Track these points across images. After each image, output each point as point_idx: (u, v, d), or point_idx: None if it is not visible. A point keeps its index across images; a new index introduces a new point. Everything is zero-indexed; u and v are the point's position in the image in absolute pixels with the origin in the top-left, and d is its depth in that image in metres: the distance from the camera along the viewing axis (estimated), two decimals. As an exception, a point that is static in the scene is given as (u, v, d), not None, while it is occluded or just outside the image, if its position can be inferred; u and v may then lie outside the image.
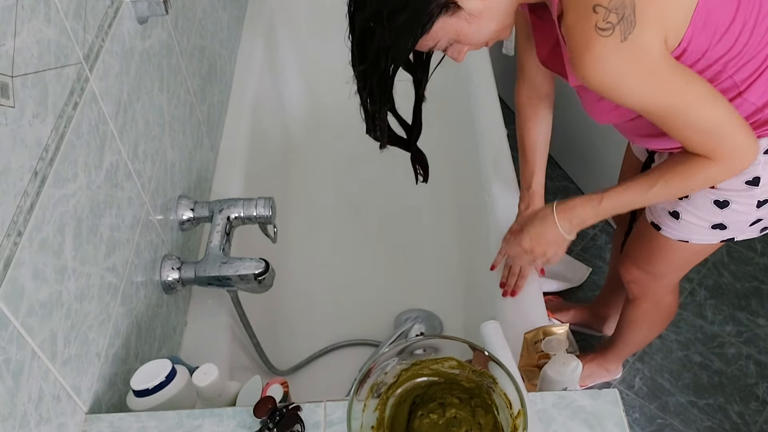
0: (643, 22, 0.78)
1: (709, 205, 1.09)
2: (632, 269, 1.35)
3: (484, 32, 0.90)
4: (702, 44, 0.86)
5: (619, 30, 0.78)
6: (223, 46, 1.67)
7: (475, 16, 0.87)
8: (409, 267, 1.82)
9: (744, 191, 1.04)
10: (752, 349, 1.77)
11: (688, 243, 1.18)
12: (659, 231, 1.19)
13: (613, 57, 0.80)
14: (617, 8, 0.78)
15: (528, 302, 1.23)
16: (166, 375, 0.87)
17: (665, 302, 1.42)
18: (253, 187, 1.56)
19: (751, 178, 1.03)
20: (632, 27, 0.78)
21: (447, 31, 0.88)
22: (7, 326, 0.67)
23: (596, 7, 0.78)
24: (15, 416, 0.67)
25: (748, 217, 1.09)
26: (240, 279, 1.11)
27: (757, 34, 0.88)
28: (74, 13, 0.84)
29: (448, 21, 0.86)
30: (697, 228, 1.13)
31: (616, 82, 0.83)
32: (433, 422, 0.76)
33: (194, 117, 1.37)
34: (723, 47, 0.87)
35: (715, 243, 1.17)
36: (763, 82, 0.92)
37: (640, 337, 1.54)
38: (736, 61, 0.90)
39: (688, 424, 1.64)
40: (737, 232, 1.13)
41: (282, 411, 0.78)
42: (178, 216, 1.22)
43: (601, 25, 0.78)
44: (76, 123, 0.83)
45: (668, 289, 1.39)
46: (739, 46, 0.88)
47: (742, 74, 0.91)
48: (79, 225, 0.82)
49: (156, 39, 1.15)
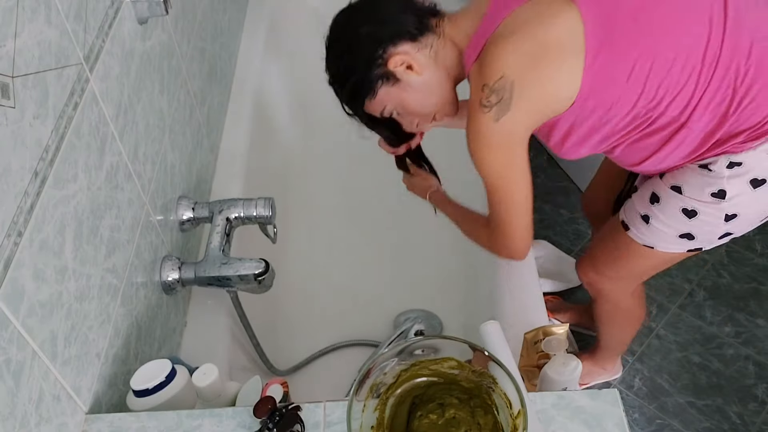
0: (516, 109, 0.91)
1: (678, 212, 1.09)
2: (589, 271, 1.36)
3: (426, 104, 1.06)
4: (605, 100, 0.94)
5: (495, 110, 0.91)
6: (224, 47, 1.67)
7: (413, 88, 1.02)
8: (409, 267, 1.82)
9: (711, 203, 1.05)
10: (751, 349, 1.77)
11: (653, 250, 1.18)
12: (627, 231, 1.19)
13: (483, 131, 0.94)
14: (498, 91, 0.91)
15: (528, 302, 1.23)
16: (166, 375, 0.87)
17: (624, 305, 1.42)
18: (253, 187, 1.56)
19: (716, 191, 1.03)
20: (506, 111, 0.91)
21: (391, 99, 1.04)
22: (8, 326, 0.67)
23: (484, 86, 0.92)
24: (15, 416, 0.67)
25: (716, 229, 1.09)
26: (240, 279, 1.11)
27: (671, 75, 0.92)
28: (75, 14, 0.84)
29: (391, 90, 1.03)
30: (664, 235, 1.13)
31: (478, 147, 0.96)
32: (433, 422, 0.76)
33: (194, 118, 1.37)
34: (631, 96, 0.94)
35: (681, 252, 1.17)
36: (701, 111, 0.95)
37: (613, 336, 1.56)
38: (656, 102, 0.94)
39: (687, 424, 1.64)
40: (705, 243, 1.13)
41: (282, 411, 0.78)
42: (178, 217, 1.22)
43: (484, 102, 0.92)
44: (77, 124, 0.83)
45: (625, 292, 1.39)
46: (651, 90, 0.93)
47: (675, 109, 0.95)
48: (79, 226, 0.83)
49: (156, 40, 1.15)
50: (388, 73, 1.01)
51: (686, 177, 1.05)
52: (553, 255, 1.99)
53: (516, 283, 1.26)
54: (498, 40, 0.92)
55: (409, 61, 1.00)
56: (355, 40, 1.02)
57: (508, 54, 0.91)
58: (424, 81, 1.02)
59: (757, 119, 0.96)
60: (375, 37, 1.00)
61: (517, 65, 0.90)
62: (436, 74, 1.03)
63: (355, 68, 1.02)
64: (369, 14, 1.02)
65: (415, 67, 1.00)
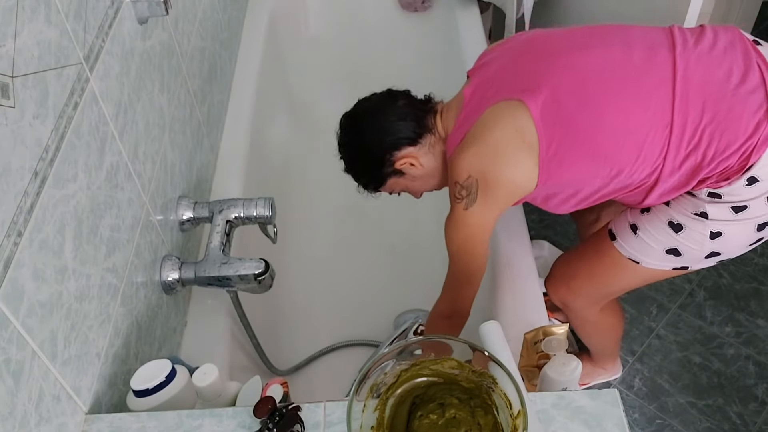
0: (481, 200, 1.07)
1: (664, 225, 1.11)
2: (560, 287, 1.37)
3: (428, 186, 1.24)
4: (566, 183, 1.09)
5: (465, 202, 1.08)
6: (224, 46, 1.67)
7: (417, 178, 1.21)
8: (409, 267, 1.82)
9: (695, 220, 1.08)
10: (751, 349, 1.77)
11: (638, 265, 1.18)
12: (613, 242, 1.20)
13: (455, 216, 1.10)
14: (467, 187, 1.07)
15: (528, 302, 1.23)
16: (166, 375, 0.87)
17: (593, 319, 1.41)
18: (253, 187, 1.56)
19: (698, 212, 1.08)
20: (473, 202, 1.07)
21: (399, 185, 1.23)
22: (7, 326, 0.67)
23: (456, 183, 1.09)
24: (15, 416, 0.67)
25: (702, 247, 1.11)
26: (240, 279, 1.11)
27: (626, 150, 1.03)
28: (75, 14, 0.84)
29: (398, 180, 1.21)
30: (651, 249, 1.15)
31: (450, 230, 1.12)
32: (433, 422, 0.76)
33: (194, 118, 1.37)
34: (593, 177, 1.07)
35: (667, 270, 1.18)
36: (669, 170, 1.03)
37: (597, 343, 1.58)
38: (622, 175, 1.05)
39: (687, 424, 1.64)
40: (692, 262, 1.15)
41: (282, 411, 0.78)
42: (178, 216, 1.22)
43: (456, 195, 1.09)
44: (77, 123, 0.83)
45: (591, 309, 1.38)
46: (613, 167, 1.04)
47: (641, 175, 1.05)
48: (79, 225, 0.83)
49: (156, 40, 1.15)
50: (395, 171, 1.18)
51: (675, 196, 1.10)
52: (553, 255, 1.99)
53: (516, 283, 1.26)
54: (466, 145, 1.08)
55: (412, 161, 1.17)
56: (363, 147, 1.19)
57: (472, 158, 1.06)
58: (425, 171, 1.19)
59: (728, 162, 1.01)
60: (380, 145, 1.16)
61: (479, 168, 1.05)
62: (434, 162, 1.18)
63: (366, 168, 1.21)
64: (372, 124, 1.18)
65: (416, 164, 1.17)
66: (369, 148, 1.18)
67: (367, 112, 1.20)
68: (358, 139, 1.20)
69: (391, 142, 1.16)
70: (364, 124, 1.19)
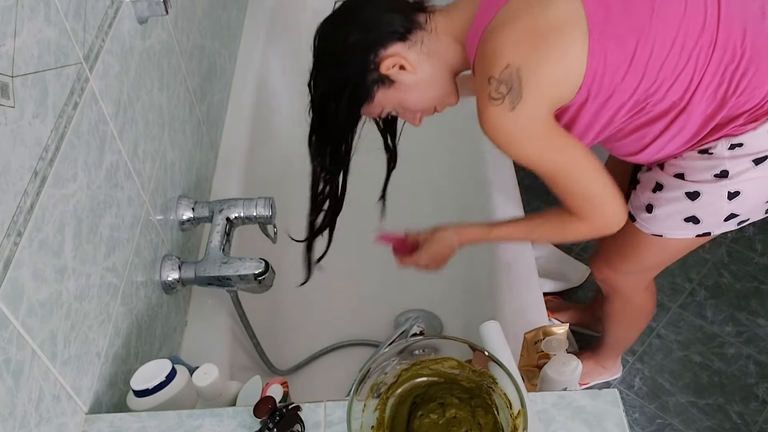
0: (528, 94, 0.88)
1: (681, 196, 1.09)
2: (603, 268, 1.35)
3: (426, 99, 1.04)
4: (607, 84, 0.92)
5: (508, 101, 0.89)
6: (223, 45, 1.67)
7: (411, 87, 1.01)
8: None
9: (712, 182, 1.05)
10: (752, 349, 1.77)
11: (662, 238, 1.17)
12: (634, 222, 1.19)
13: (502, 123, 0.91)
14: (506, 80, 0.88)
15: (528, 302, 1.23)
16: (166, 375, 0.87)
17: (637, 301, 1.42)
18: (253, 187, 1.56)
19: (718, 172, 1.03)
20: (519, 98, 0.88)
21: (390, 101, 1.03)
22: (7, 326, 0.67)
23: (490, 78, 0.89)
24: (15, 416, 0.67)
25: (720, 210, 1.08)
26: (240, 279, 1.11)
27: (670, 58, 0.92)
28: (74, 13, 0.84)
29: (388, 92, 1.01)
30: (669, 221, 1.13)
31: (507, 143, 0.93)
32: (433, 422, 0.76)
33: (194, 117, 1.37)
34: (633, 80, 0.93)
35: (690, 238, 1.16)
36: (701, 95, 0.95)
37: (620, 333, 1.55)
38: (657, 86, 0.94)
39: (687, 424, 1.64)
40: (712, 226, 1.12)
41: (282, 411, 0.78)
42: (178, 216, 1.22)
43: (493, 94, 0.89)
44: (76, 123, 0.83)
45: (638, 287, 1.38)
46: (652, 74, 0.92)
47: (675, 94, 0.95)
48: (79, 225, 0.82)
49: (156, 39, 1.15)
50: (382, 77, 1.00)
51: (687, 163, 1.06)
52: (553, 255, 1.99)
53: (516, 283, 1.26)
54: (497, 28, 0.90)
55: (401, 62, 0.98)
56: (344, 51, 1.00)
57: (509, 41, 0.88)
58: (420, 78, 1.01)
59: (757, 100, 0.96)
60: (364, 43, 0.98)
61: (520, 51, 0.88)
62: (431, 70, 1.01)
63: (348, 79, 1.00)
64: (353, 21, 1.00)
65: (407, 67, 0.99)
66: (350, 51, 0.99)
67: (346, 11, 1.02)
68: (337, 44, 1.01)
69: (375, 38, 0.98)
70: (343, 24, 1.01)
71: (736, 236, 2.03)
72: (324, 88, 1.04)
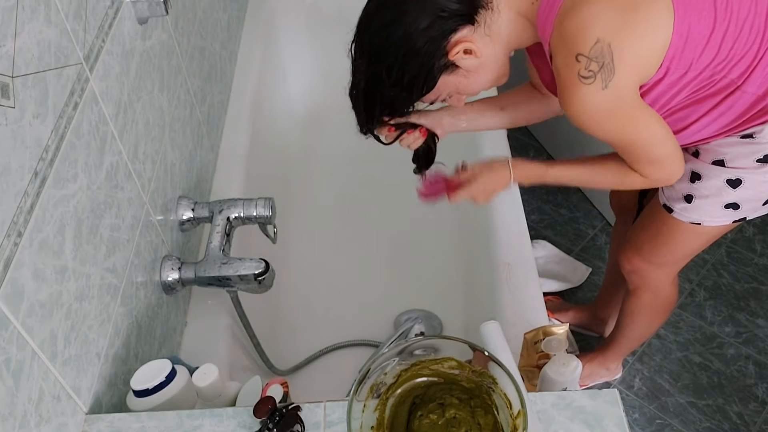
0: (621, 69, 0.84)
1: (722, 184, 1.09)
2: (634, 258, 1.35)
3: (480, 83, 1.00)
4: (685, 60, 0.90)
5: (600, 78, 0.85)
6: (224, 46, 1.67)
7: (471, 72, 0.97)
8: (409, 267, 1.82)
9: (756, 168, 1.05)
10: (751, 349, 1.77)
11: (700, 226, 1.17)
12: (671, 213, 1.19)
13: (593, 103, 0.87)
14: (597, 57, 0.84)
15: (528, 302, 1.23)
16: (166, 375, 0.87)
17: (665, 293, 1.42)
18: (253, 187, 1.56)
19: (762, 156, 1.03)
20: (612, 75, 0.84)
21: (447, 86, 0.99)
22: (7, 326, 0.67)
23: (579, 56, 0.85)
24: (15, 416, 0.67)
25: (761, 195, 1.09)
26: (240, 279, 1.11)
27: (742, 35, 0.90)
28: (74, 14, 0.84)
29: (449, 78, 0.97)
30: (710, 209, 1.13)
31: (595, 122, 0.91)
32: (433, 422, 0.76)
33: (194, 117, 1.37)
34: (708, 56, 0.91)
35: (728, 224, 1.16)
36: (759, 74, 0.94)
37: (639, 330, 1.54)
38: (725, 63, 0.92)
39: (687, 424, 1.64)
40: (750, 211, 1.13)
41: (282, 411, 0.78)
42: (178, 216, 1.22)
43: (584, 73, 0.85)
44: (77, 123, 0.83)
45: (668, 279, 1.38)
46: (725, 51, 0.91)
47: (736, 72, 0.93)
48: (79, 225, 0.83)
49: (156, 39, 1.15)
50: (448, 63, 0.94)
51: (727, 149, 1.05)
52: (554, 255, 1.99)
53: (516, 283, 1.26)
54: (579, 3, 0.85)
55: (469, 47, 0.93)
56: (413, 38, 0.91)
57: (596, 15, 0.84)
58: (481, 62, 0.96)
59: None
60: (438, 29, 0.91)
61: (610, 25, 0.84)
62: (492, 51, 0.96)
63: (420, 68, 0.94)
64: (421, 8, 0.91)
65: (474, 51, 0.94)
66: (420, 36, 0.91)
67: None
68: (402, 30, 0.91)
69: (449, 24, 0.91)
70: (409, 11, 0.91)
71: (736, 237, 2.03)
72: (384, 66, 0.95)
